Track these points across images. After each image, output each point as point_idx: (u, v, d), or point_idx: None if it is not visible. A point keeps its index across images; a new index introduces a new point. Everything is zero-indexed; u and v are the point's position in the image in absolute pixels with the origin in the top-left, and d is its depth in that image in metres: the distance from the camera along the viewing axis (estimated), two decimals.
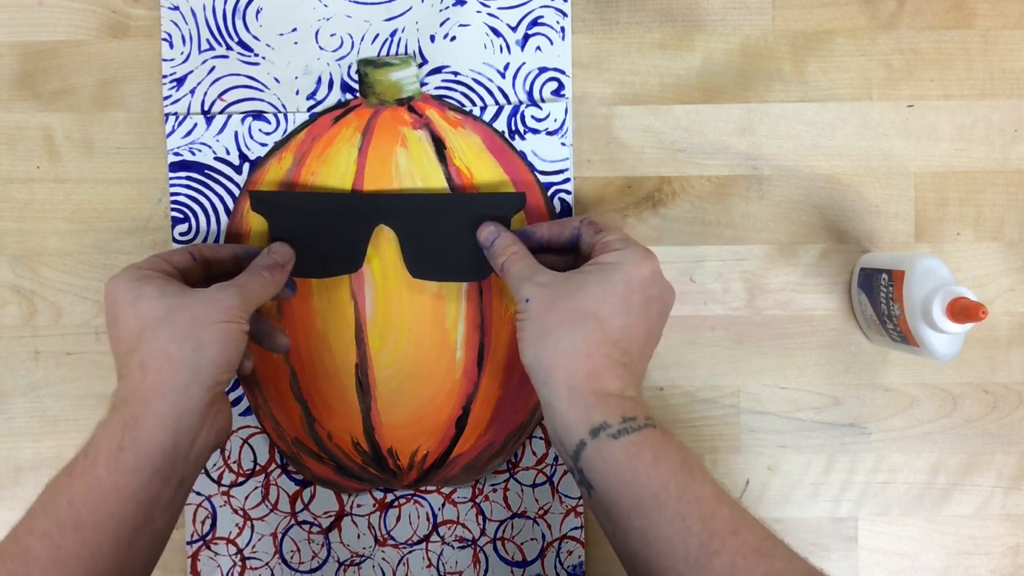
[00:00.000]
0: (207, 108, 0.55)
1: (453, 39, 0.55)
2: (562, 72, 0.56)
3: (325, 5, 0.55)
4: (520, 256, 0.49)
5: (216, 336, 0.44)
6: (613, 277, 0.45)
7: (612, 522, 0.42)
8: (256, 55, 0.55)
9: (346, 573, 0.56)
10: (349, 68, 0.55)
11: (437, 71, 0.55)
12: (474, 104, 0.55)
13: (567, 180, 0.56)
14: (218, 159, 0.55)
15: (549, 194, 0.55)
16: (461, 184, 0.55)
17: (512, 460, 0.56)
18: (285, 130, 0.55)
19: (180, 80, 0.55)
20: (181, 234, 0.55)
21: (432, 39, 0.55)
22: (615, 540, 0.43)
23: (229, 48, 0.55)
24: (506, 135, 0.55)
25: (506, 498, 0.56)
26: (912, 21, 0.56)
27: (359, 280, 0.55)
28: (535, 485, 0.56)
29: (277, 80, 0.55)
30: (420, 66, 0.55)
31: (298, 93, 0.55)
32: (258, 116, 0.55)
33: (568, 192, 0.56)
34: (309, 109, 0.55)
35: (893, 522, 0.56)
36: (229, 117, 0.55)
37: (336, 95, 0.55)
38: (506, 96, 0.56)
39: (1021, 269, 0.56)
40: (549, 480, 0.56)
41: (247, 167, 0.55)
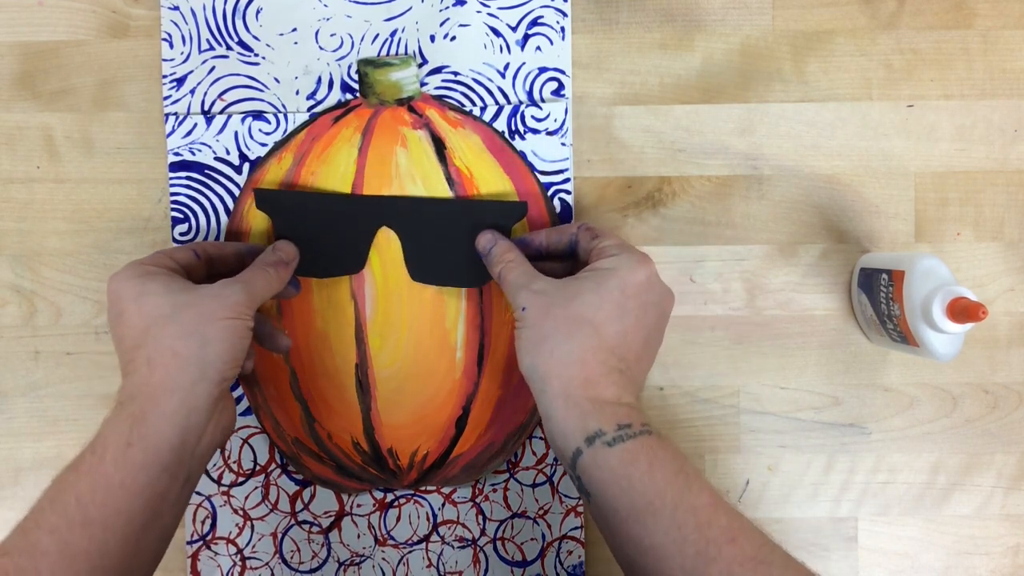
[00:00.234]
0: (207, 108, 0.55)
1: (453, 39, 0.55)
2: (562, 72, 0.56)
3: (325, 5, 0.55)
4: (517, 264, 0.49)
5: (222, 332, 0.44)
6: (609, 283, 0.45)
7: (610, 530, 0.42)
8: (256, 55, 0.55)
9: (346, 573, 0.56)
10: (349, 68, 0.55)
11: (437, 71, 0.55)
12: (474, 104, 0.55)
13: (567, 180, 0.56)
14: (218, 159, 0.55)
15: (549, 194, 0.55)
16: (461, 183, 0.55)
17: (512, 460, 0.56)
18: (285, 130, 0.55)
19: (180, 80, 0.55)
20: (181, 234, 0.55)
21: (432, 39, 0.55)
22: (613, 547, 0.43)
23: (229, 48, 0.55)
24: (506, 135, 0.55)
25: (506, 498, 0.56)
26: (912, 21, 0.56)
27: (359, 280, 0.55)
28: (535, 485, 0.56)
29: (277, 80, 0.55)
30: (420, 66, 0.55)
31: (298, 93, 0.55)
32: (258, 116, 0.55)
33: (568, 192, 0.56)
34: (309, 109, 0.55)
35: (893, 522, 0.56)
36: (229, 117, 0.55)
37: (336, 95, 0.55)
38: (506, 96, 0.56)
39: (1021, 269, 0.56)
40: (549, 480, 0.56)
41: (247, 167, 0.55)
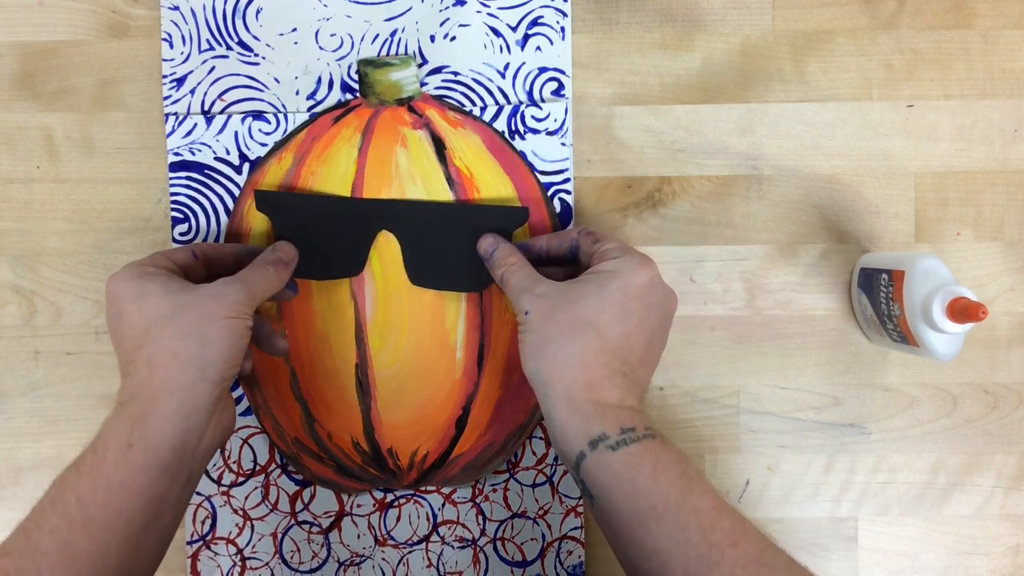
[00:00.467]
0: (207, 108, 0.55)
1: (453, 39, 0.55)
2: (562, 72, 0.56)
3: (325, 5, 0.55)
4: (519, 267, 0.49)
5: (222, 332, 0.44)
6: (611, 285, 0.45)
7: (614, 533, 0.42)
8: (256, 55, 0.55)
9: (346, 573, 0.56)
10: (349, 68, 0.55)
11: (437, 71, 0.55)
12: (474, 104, 0.55)
13: (567, 180, 0.56)
14: (218, 159, 0.55)
15: (549, 194, 0.55)
16: (461, 183, 0.55)
17: (512, 460, 0.56)
18: (285, 130, 0.55)
19: (180, 80, 0.55)
20: (181, 234, 0.55)
21: (432, 39, 0.55)
22: (617, 551, 0.43)
23: (229, 48, 0.55)
24: (506, 135, 0.55)
25: (506, 498, 0.56)
26: (912, 21, 0.56)
27: (359, 280, 0.55)
28: (535, 485, 0.56)
29: (277, 80, 0.55)
30: (420, 66, 0.55)
31: (298, 93, 0.55)
32: (258, 116, 0.55)
33: (568, 192, 0.56)
34: (309, 109, 0.55)
35: (893, 522, 0.56)
36: (229, 117, 0.55)
37: (336, 95, 0.55)
38: (506, 96, 0.56)
39: (1021, 269, 0.56)
40: (549, 480, 0.56)
41: (247, 167, 0.55)
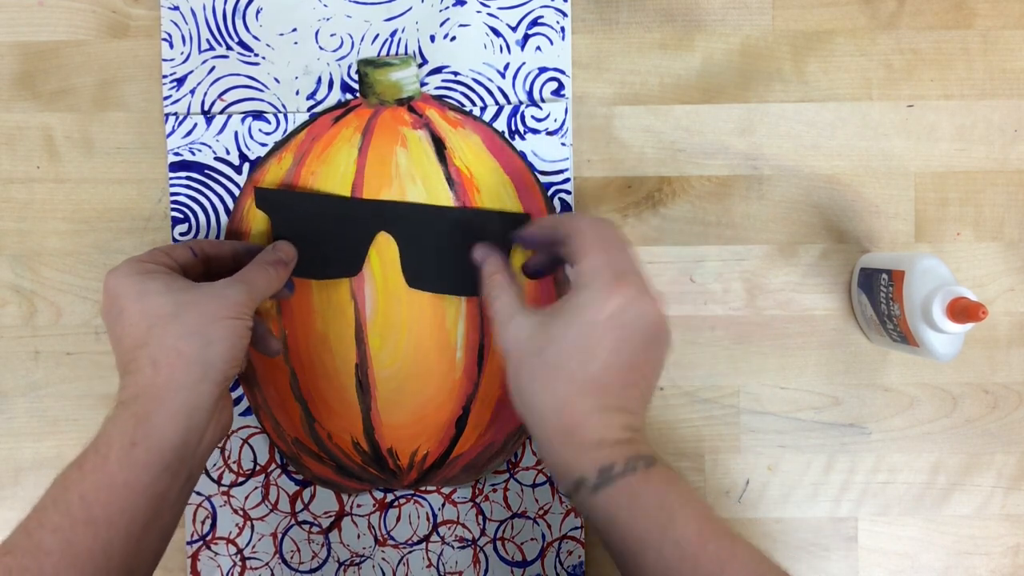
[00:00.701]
0: (207, 108, 0.55)
1: (453, 39, 0.55)
2: (562, 72, 0.56)
3: (325, 5, 0.55)
4: (501, 291, 0.48)
5: (225, 332, 0.44)
6: (578, 320, 0.44)
7: (616, 565, 0.43)
8: (256, 55, 0.55)
9: (346, 573, 0.56)
10: (349, 68, 0.55)
11: (437, 71, 0.55)
12: (474, 104, 0.55)
13: (567, 180, 0.56)
14: (218, 159, 0.55)
15: (549, 194, 0.55)
16: (461, 184, 0.55)
17: (512, 460, 0.56)
18: (285, 130, 0.55)
19: (180, 80, 0.55)
20: (181, 234, 0.55)
21: (432, 39, 0.55)
22: None
23: (229, 48, 0.55)
24: (506, 135, 0.55)
25: (506, 498, 0.56)
26: (912, 21, 0.56)
27: (359, 280, 0.55)
28: (535, 485, 0.56)
29: (277, 80, 0.55)
30: (420, 66, 0.55)
31: (298, 93, 0.55)
32: (258, 116, 0.55)
33: (568, 192, 0.56)
34: (309, 109, 0.55)
35: (893, 522, 0.56)
36: (229, 117, 0.55)
37: (336, 95, 0.55)
38: (506, 96, 0.56)
39: (1021, 269, 0.56)
40: (549, 480, 0.56)
41: (247, 167, 0.55)
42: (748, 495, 0.56)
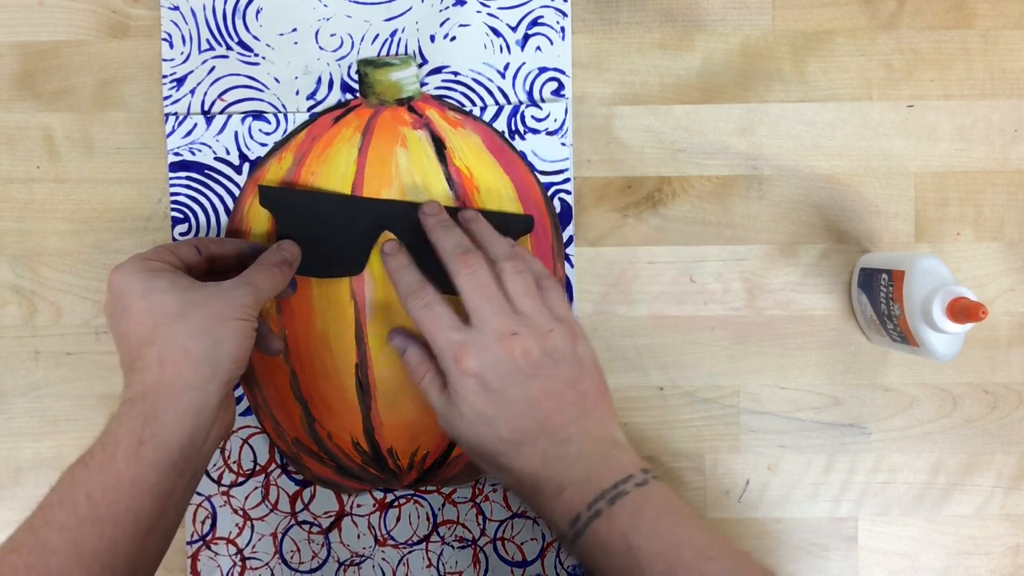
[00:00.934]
0: (207, 108, 0.55)
1: (453, 39, 0.55)
2: (562, 72, 0.56)
3: (325, 5, 0.55)
4: (422, 373, 0.50)
5: (232, 333, 0.44)
6: (458, 401, 0.47)
7: None
8: (256, 55, 0.55)
9: (346, 573, 0.56)
10: (349, 68, 0.55)
11: (437, 71, 0.55)
12: (474, 104, 0.55)
13: (567, 180, 0.56)
14: (218, 159, 0.55)
15: (549, 194, 0.55)
16: (461, 183, 0.55)
17: None
18: (285, 130, 0.55)
19: (180, 80, 0.55)
20: (181, 234, 0.55)
21: (432, 39, 0.55)
22: None
23: (229, 48, 0.55)
24: (506, 135, 0.55)
25: (506, 498, 0.56)
26: (912, 21, 0.56)
27: (359, 280, 0.55)
28: None
29: (277, 80, 0.55)
30: (420, 66, 0.55)
31: (298, 93, 0.55)
32: (258, 116, 0.55)
33: (568, 192, 0.56)
34: (309, 109, 0.55)
35: (893, 522, 0.56)
36: (229, 117, 0.55)
37: (336, 95, 0.55)
38: (506, 96, 0.56)
39: (1021, 269, 0.56)
40: None
41: (247, 167, 0.55)
42: (748, 495, 0.56)
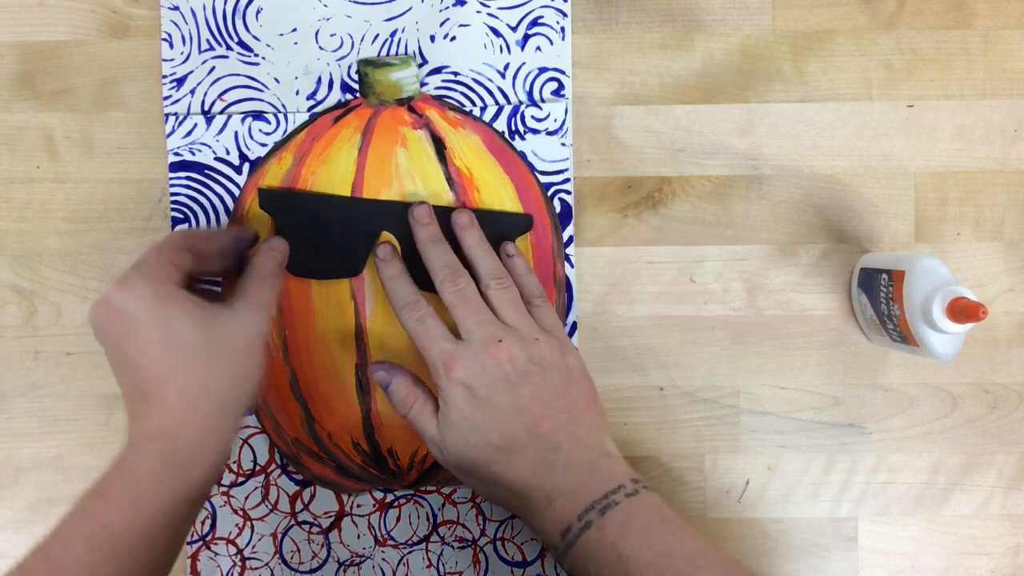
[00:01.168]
0: (207, 108, 0.55)
1: (453, 39, 0.55)
2: (562, 72, 0.56)
3: (325, 5, 0.55)
4: (411, 402, 0.49)
5: (253, 362, 0.44)
6: (450, 417, 0.47)
7: None
8: (256, 55, 0.55)
9: (346, 573, 0.56)
10: (349, 68, 0.55)
11: (437, 71, 0.55)
12: (474, 104, 0.55)
13: (567, 180, 0.56)
14: (218, 159, 0.55)
15: (549, 194, 0.55)
16: (461, 184, 0.55)
17: None
18: (285, 130, 0.55)
19: (180, 80, 0.55)
20: None
21: (432, 39, 0.55)
22: None
23: (229, 48, 0.55)
24: (506, 135, 0.55)
25: None
26: (912, 21, 0.56)
27: (359, 281, 0.55)
28: None
29: (277, 80, 0.55)
30: (420, 66, 0.55)
31: (298, 93, 0.55)
32: (258, 116, 0.55)
33: (568, 192, 0.56)
34: (309, 109, 0.55)
35: (893, 522, 0.56)
36: (229, 117, 0.55)
37: (336, 95, 0.55)
38: (506, 96, 0.56)
39: (1021, 269, 0.56)
40: None
41: (247, 167, 0.55)
42: (748, 495, 0.56)
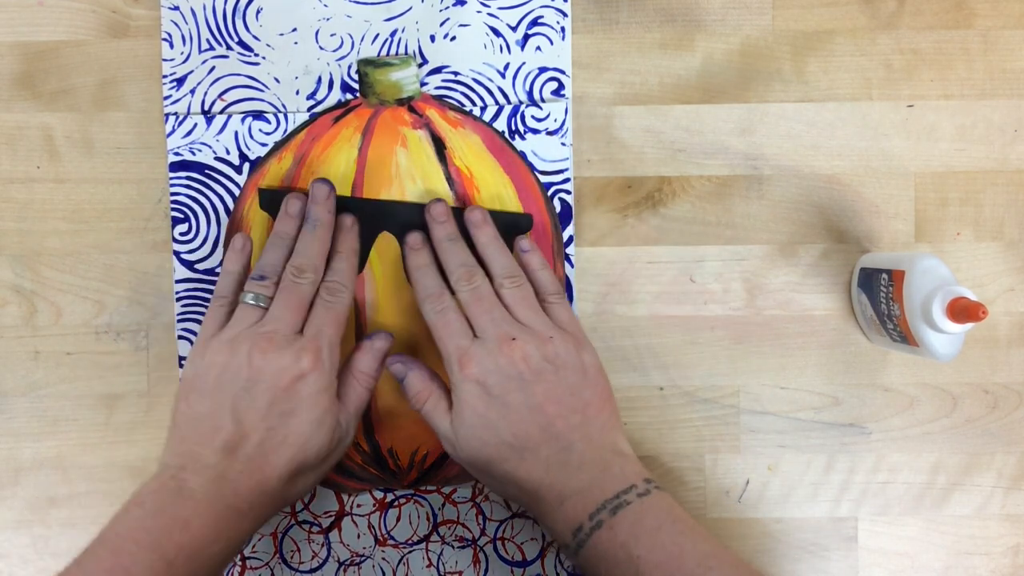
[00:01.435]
0: (207, 108, 0.55)
1: (453, 39, 0.55)
2: (562, 72, 0.56)
3: (325, 5, 0.55)
4: (424, 397, 0.50)
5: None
6: (464, 415, 0.47)
7: None
8: (256, 55, 0.55)
9: (346, 573, 0.56)
10: (349, 68, 0.55)
11: (437, 71, 0.55)
12: (474, 104, 0.55)
13: (567, 180, 0.56)
14: (218, 159, 0.55)
15: (549, 194, 0.55)
16: (461, 183, 0.55)
17: None
18: (285, 130, 0.55)
19: (180, 80, 0.55)
20: (181, 234, 0.55)
21: (432, 39, 0.55)
22: None
23: (229, 48, 0.55)
24: (506, 135, 0.55)
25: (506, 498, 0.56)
26: (912, 21, 0.56)
27: (359, 280, 0.55)
28: None
29: (277, 80, 0.55)
30: (420, 66, 0.55)
31: (298, 93, 0.55)
32: (258, 116, 0.55)
33: (568, 192, 0.56)
34: (309, 109, 0.55)
35: (893, 522, 0.56)
36: (229, 117, 0.55)
37: (336, 95, 0.55)
38: (506, 96, 0.56)
39: (1021, 269, 0.56)
40: None
41: (247, 167, 0.55)
42: (748, 495, 0.56)
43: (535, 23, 0.56)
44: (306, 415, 0.45)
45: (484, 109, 0.55)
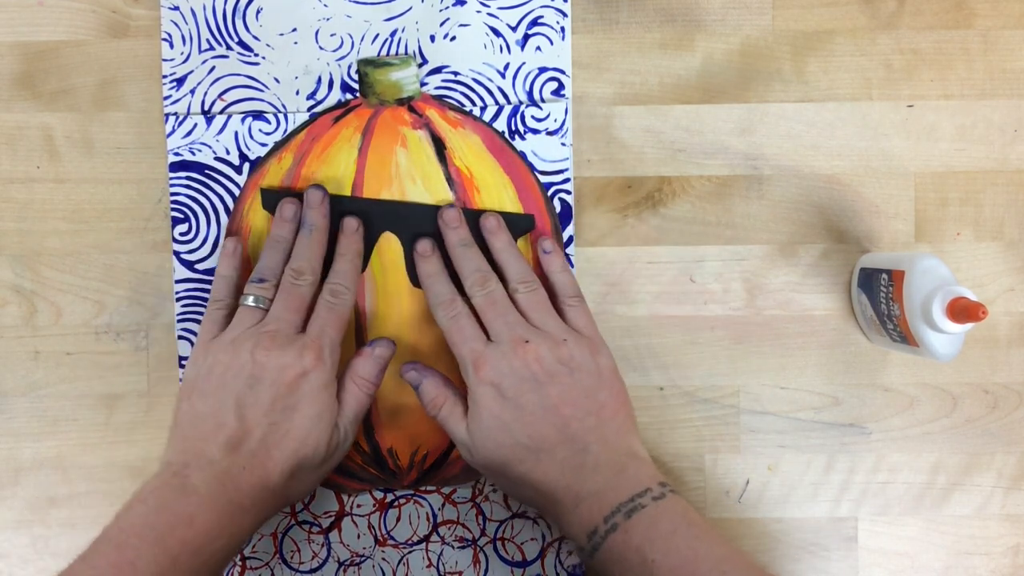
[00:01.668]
0: (207, 108, 0.55)
1: (453, 39, 0.55)
2: (562, 72, 0.56)
3: (325, 5, 0.55)
4: (440, 402, 0.50)
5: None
6: (480, 417, 0.47)
7: None
8: (256, 55, 0.55)
9: (346, 573, 0.56)
10: (349, 68, 0.55)
11: (437, 71, 0.55)
12: (474, 104, 0.55)
13: (567, 180, 0.56)
14: (218, 159, 0.55)
15: (549, 194, 0.55)
16: (461, 184, 0.55)
17: None
18: (285, 130, 0.55)
19: (180, 80, 0.55)
20: (181, 234, 0.55)
21: (432, 39, 0.55)
22: None
23: (229, 48, 0.55)
24: (506, 135, 0.55)
25: (506, 498, 0.56)
26: (912, 21, 0.56)
27: (360, 281, 0.55)
28: None
29: (277, 80, 0.55)
30: (420, 66, 0.55)
31: (298, 93, 0.55)
32: (258, 116, 0.55)
33: (568, 192, 0.56)
34: (309, 109, 0.55)
35: (893, 522, 0.56)
36: (229, 117, 0.55)
37: (336, 95, 0.55)
38: (506, 96, 0.56)
39: (1021, 269, 0.56)
40: None
41: (247, 167, 0.55)
42: (748, 495, 0.56)
43: (535, 23, 0.56)
44: (307, 410, 0.46)
45: (484, 109, 0.55)
